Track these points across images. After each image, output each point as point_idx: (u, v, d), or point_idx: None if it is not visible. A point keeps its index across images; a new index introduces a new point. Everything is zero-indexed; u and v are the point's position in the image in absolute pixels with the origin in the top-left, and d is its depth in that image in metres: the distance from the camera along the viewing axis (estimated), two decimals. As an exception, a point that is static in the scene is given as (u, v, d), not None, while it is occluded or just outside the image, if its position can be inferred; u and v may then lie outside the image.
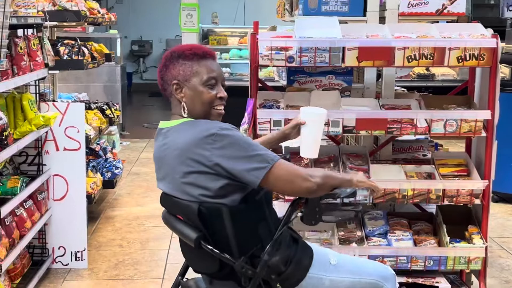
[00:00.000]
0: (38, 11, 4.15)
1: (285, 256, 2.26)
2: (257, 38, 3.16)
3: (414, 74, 8.54)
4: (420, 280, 3.27)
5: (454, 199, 3.22)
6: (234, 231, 2.18)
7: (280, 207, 3.06)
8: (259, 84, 3.37)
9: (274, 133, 2.74)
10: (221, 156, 2.12)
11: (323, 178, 2.20)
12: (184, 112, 2.26)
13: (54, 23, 4.40)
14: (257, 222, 2.25)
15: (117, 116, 5.81)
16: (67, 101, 5.18)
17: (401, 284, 3.27)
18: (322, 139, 4.13)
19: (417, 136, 3.52)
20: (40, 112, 3.91)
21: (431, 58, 3.11)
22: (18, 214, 3.60)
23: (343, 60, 3.13)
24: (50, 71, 4.17)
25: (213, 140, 2.13)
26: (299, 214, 2.29)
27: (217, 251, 2.18)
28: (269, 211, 2.32)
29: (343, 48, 3.12)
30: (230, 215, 2.17)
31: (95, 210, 5.30)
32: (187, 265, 2.51)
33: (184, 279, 2.52)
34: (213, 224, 2.19)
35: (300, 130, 2.56)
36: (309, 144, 2.57)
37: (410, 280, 3.28)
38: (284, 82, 3.96)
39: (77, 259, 4.14)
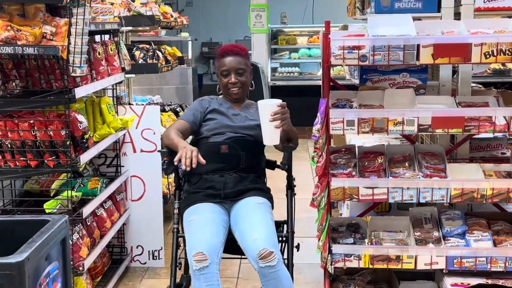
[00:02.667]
0: (114, 17, 4.28)
1: None
2: (329, 38, 3.16)
3: (489, 69, 8.30)
4: (500, 282, 3.18)
5: (536, 198, 3.12)
6: None
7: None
8: (331, 84, 3.36)
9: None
10: None
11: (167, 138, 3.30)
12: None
13: (130, 28, 4.53)
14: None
15: (190, 117, 5.89)
16: (142, 104, 5.32)
17: (480, 285, 3.20)
18: (395, 138, 4.11)
19: (496, 134, 3.44)
20: (117, 115, 4.03)
21: (510, 53, 3.02)
22: (98, 214, 3.72)
23: (417, 58, 3.08)
24: (126, 75, 4.29)
25: None
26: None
27: None
28: None
29: (418, 45, 3.07)
30: None
31: (170, 210, 5.39)
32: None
33: None
34: None
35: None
36: (265, 132, 3.11)
37: (489, 281, 3.19)
38: (356, 81, 3.94)
39: (155, 258, 4.25)
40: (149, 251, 4.24)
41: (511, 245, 3.19)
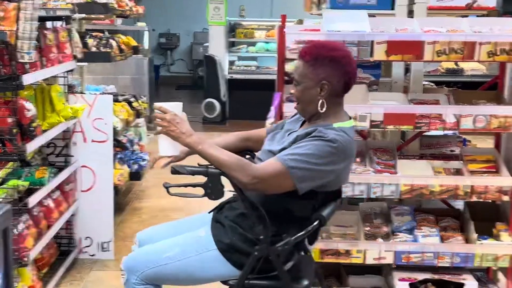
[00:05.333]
0: (66, 3, 4.19)
1: None
2: (285, 31, 3.15)
3: (442, 68, 8.45)
4: (447, 277, 3.24)
5: (483, 195, 3.18)
6: None
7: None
8: (286, 78, 3.35)
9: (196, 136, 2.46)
10: None
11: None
12: None
13: (83, 15, 4.43)
14: None
15: (144, 108, 5.83)
16: (95, 93, 5.22)
17: (427, 280, 3.25)
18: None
19: (445, 132, 3.49)
20: (68, 103, 3.94)
21: (461, 52, 3.07)
22: (45, 204, 3.64)
23: (371, 54, 3.10)
24: (78, 63, 4.21)
25: None
26: None
27: None
28: None
29: (372, 42, 3.09)
30: None
31: (122, 201, 5.34)
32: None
33: None
34: None
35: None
36: (165, 141, 2.48)
37: (436, 276, 3.24)
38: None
39: (104, 249, 4.18)
40: (98, 242, 4.17)
41: (458, 241, 3.25)
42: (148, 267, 2.51)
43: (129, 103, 5.49)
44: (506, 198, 3.19)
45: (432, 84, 4.50)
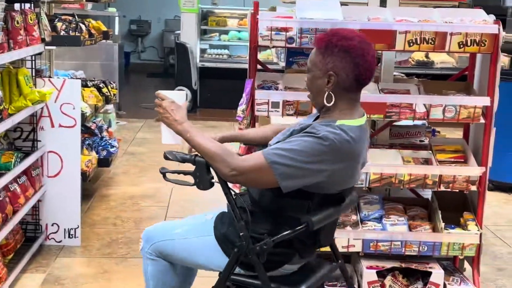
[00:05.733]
0: (35, -15, 4.10)
1: None
2: (257, 18, 3.13)
3: (413, 60, 8.52)
4: (414, 265, 3.27)
5: (451, 185, 3.21)
6: None
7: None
8: (258, 66, 3.34)
9: (186, 123, 2.41)
10: None
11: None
12: None
13: (52, -2, 4.35)
14: None
15: (114, 94, 5.77)
16: (64, 78, 5.14)
17: (394, 268, 3.27)
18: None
19: (415, 122, 3.51)
20: (36, 87, 3.87)
21: (432, 42, 3.08)
22: (11, 189, 3.57)
23: (343, 42, 3.08)
24: (46, 47, 4.13)
25: None
26: None
27: None
28: None
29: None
30: None
31: (90, 188, 5.28)
32: None
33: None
34: None
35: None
36: (163, 129, 2.45)
37: (403, 265, 3.27)
38: (283, 64, 3.93)
39: (71, 236, 4.13)
40: (65, 229, 4.11)
41: (426, 230, 3.28)
42: (158, 240, 2.53)
43: (99, 89, 5.42)
44: (473, 188, 3.23)
45: (403, 75, 4.54)
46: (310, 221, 2.19)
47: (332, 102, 2.25)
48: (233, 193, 2.34)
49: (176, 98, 2.43)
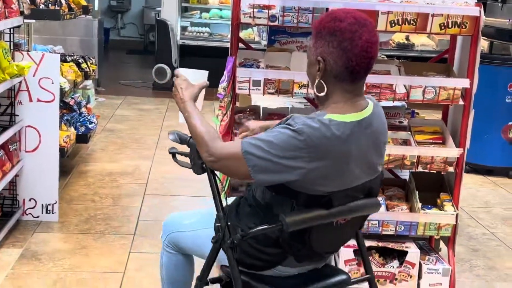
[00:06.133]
0: (14, -43, 4.02)
1: None
2: (240, -5, 3.10)
3: (393, 43, 8.54)
4: (390, 245, 3.30)
5: (428, 166, 3.24)
6: None
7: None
8: (240, 44, 3.32)
9: (192, 104, 2.30)
10: None
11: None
12: None
13: (31, -30, 4.28)
14: None
15: (93, 70, 5.71)
16: (42, 53, 5.08)
17: (371, 248, 3.31)
18: (299, 102, 4.13)
19: (395, 103, 3.53)
20: (14, 61, 3.82)
21: (414, 23, 3.09)
22: (-12, 163, 3.54)
23: (325, 22, 3.08)
24: (25, 20, 4.07)
25: None
26: None
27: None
28: None
29: (327, 9, 3.07)
30: None
31: (68, 164, 5.24)
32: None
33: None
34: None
35: None
36: (199, 103, 2.35)
37: (380, 244, 3.30)
38: (264, 43, 3.92)
39: (48, 212, 4.10)
40: (42, 204, 4.09)
41: (403, 210, 3.31)
42: (171, 231, 2.50)
43: (78, 64, 5.36)
44: (451, 169, 3.26)
45: (384, 56, 4.55)
46: (284, 222, 1.98)
47: (324, 93, 2.04)
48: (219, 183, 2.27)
49: (195, 77, 2.34)
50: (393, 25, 3.09)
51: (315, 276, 2.25)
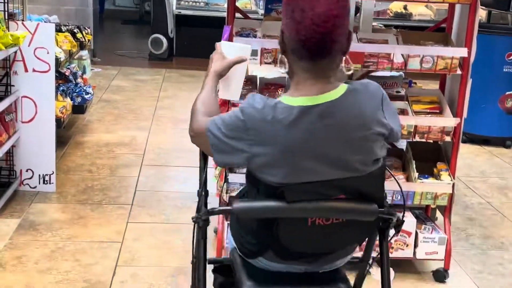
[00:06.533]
0: None
1: None
2: (236, -37, 3.07)
3: (391, 12, 8.49)
4: (387, 214, 3.32)
5: (426, 135, 3.24)
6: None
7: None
8: (237, 13, 3.29)
9: (210, 80, 2.15)
10: (391, 120, 1.88)
11: None
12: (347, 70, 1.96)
13: None
14: None
15: (88, 40, 5.67)
16: (37, 22, 5.03)
17: (368, 217, 3.32)
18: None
19: (392, 73, 3.52)
20: (8, 31, 3.78)
21: (412, -8, 3.06)
22: (-15, 134, 3.53)
23: (323, -10, 3.05)
24: (19, -11, 4.03)
25: (384, 104, 1.86)
26: None
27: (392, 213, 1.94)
28: None
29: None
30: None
31: (65, 135, 5.23)
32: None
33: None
34: (383, 183, 1.94)
35: None
36: (235, 84, 2.19)
37: (377, 213, 3.32)
38: (261, 12, 3.89)
39: (45, 182, 4.11)
40: (39, 175, 4.08)
41: (399, 179, 3.31)
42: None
43: (73, 34, 5.32)
44: (448, 138, 3.26)
45: (382, 25, 4.53)
46: (232, 206, 1.86)
47: (286, 69, 1.88)
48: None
49: (234, 51, 2.16)
50: (391, -7, 3.06)
51: (305, 279, 2.03)
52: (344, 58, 1.88)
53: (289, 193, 1.81)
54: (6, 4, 3.87)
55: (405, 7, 8.56)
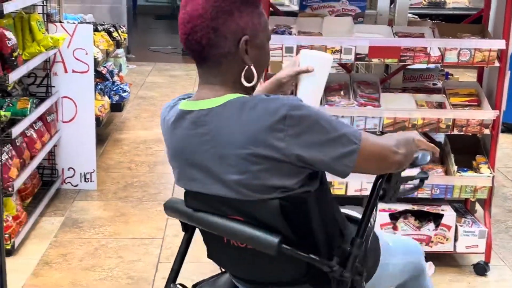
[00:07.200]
0: None
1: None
2: (271, -39, 3.08)
3: (425, 1, 8.38)
4: (426, 208, 3.32)
5: (464, 128, 3.22)
6: (321, 221, 1.69)
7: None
8: (271, 9, 3.31)
9: (267, 83, 2.09)
10: (301, 145, 1.57)
11: (406, 146, 1.75)
12: (251, 80, 1.67)
13: None
14: (333, 204, 1.80)
15: (124, 38, 5.75)
16: (74, 22, 5.12)
17: (406, 211, 3.33)
18: (332, 66, 4.11)
19: (429, 65, 3.50)
20: (48, 33, 3.87)
21: (448, -15, 3.04)
22: (28, 135, 3.63)
23: (358, -14, 3.06)
24: (57, -9, 4.11)
25: (287, 125, 1.55)
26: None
27: (314, 256, 1.67)
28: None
29: (359, -27, 3.05)
30: (315, 202, 1.67)
31: (103, 133, 5.32)
32: (178, 268, 1.96)
33: (177, 286, 1.95)
34: (298, 219, 1.66)
35: (300, 79, 2.01)
36: (311, 94, 2.06)
37: (415, 207, 3.32)
38: (295, 7, 3.90)
39: (86, 180, 4.20)
40: (81, 173, 4.18)
41: (438, 173, 3.31)
42: None
43: (109, 33, 5.39)
44: (487, 131, 3.24)
45: (416, 17, 4.49)
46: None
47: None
48: None
49: (310, 61, 2.01)
50: (427, -13, 3.04)
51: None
52: (247, 67, 1.64)
53: (187, 198, 1.77)
54: (44, 6, 3.95)
55: (439, -5, 8.45)
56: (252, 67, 1.64)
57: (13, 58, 3.23)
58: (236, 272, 1.87)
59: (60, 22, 4.51)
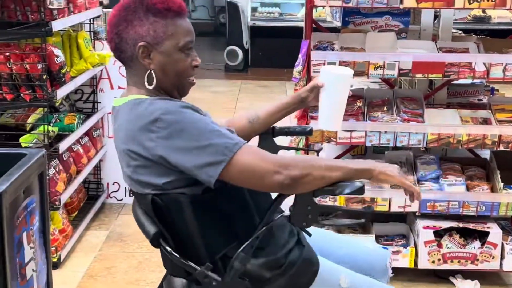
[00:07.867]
0: (92, -51, 4.15)
1: (272, 261, 1.81)
2: (314, -23, 3.10)
3: (469, 16, 8.29)
4: (471, 225, 3.26)
5: (510, 145, 3.17)
6: (198, 226, 1.77)
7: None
8: (313, 25, 3.32)
9: (288, 98, 2.27)
10: (166, 148, 1.71)
11: (304, 169, 1.71)
12: (151, 83, 1.83)
13: (108, -39, 4.39)
14: (233, 214, 1.82)
15: (168, 55, 5.82)
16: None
17: (451, 228, 3.28)
18: (374, 82, 4.09)
19: (474, 81, 3.46)
20: (94, 50, 3.96)
21: (493, 0, 3.01)
22: (75, 150, 3.71)
23: (401, 1, 3.05)
24: (104, 9, 4.20)
25: (157, 127, 1.71)
26: (287, 213, 1.80)
27: (175, 254, 1.77)
28: (254, 199, 1.85)
29: (402, -12, 3.03)
30: (192, 207, 1.76)
31: (147, 148, 5.39)
32: None
33: None
34: (172, 220, 1.79)
35: (319, 95, 2.12)
36: (329, 112, 2.12)
37: (461, 225, 3.27)
38: (337, 23, 3.90)
39: (131, 194, 4.23)
40: (125, 188, 4.24)
41: (484, 190, 3.25)
42: None
43: (153, 50, 5.48)
44: (533, 147, 3.18)
45: (460, 32, 4.43)
46: None
47: None
48: None
49: (327, 77, 2.10)
50: (471, 2, 3.01)
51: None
52: (149, 71, 1.83)
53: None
54: (92, 24, 4.04)
55: (483, 10, 8.35)
56: (153, 72, 1.83)
57: (61, 75, 3.31)
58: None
59: (106, 39, 4.61)
